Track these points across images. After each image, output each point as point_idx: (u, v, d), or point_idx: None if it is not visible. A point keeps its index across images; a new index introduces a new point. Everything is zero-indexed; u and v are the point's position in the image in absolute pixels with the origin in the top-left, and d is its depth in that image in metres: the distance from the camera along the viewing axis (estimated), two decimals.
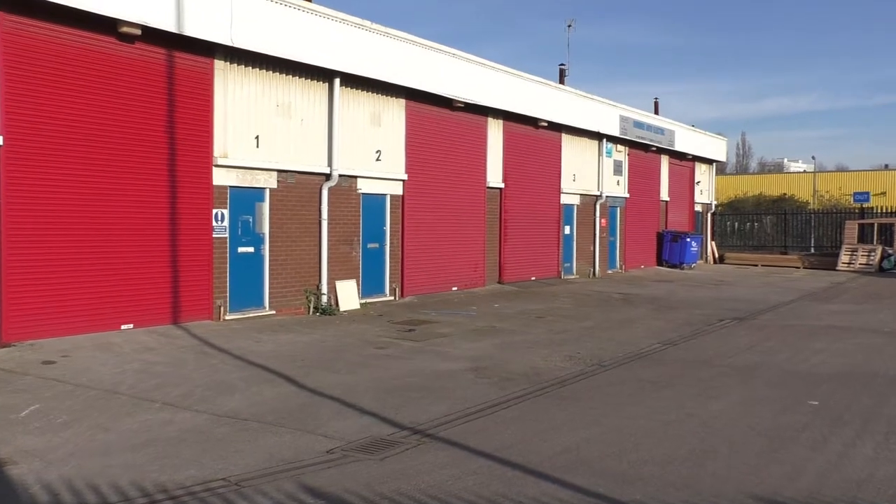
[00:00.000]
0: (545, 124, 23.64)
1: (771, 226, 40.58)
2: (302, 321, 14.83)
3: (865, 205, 39.35)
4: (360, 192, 17.32)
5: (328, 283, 16.31)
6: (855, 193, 46.51)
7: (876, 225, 33.43)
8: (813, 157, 67.71)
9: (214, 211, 14.14)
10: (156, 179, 13.16)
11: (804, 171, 78.15)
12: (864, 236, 33.54)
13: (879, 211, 37.89)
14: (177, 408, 8.18)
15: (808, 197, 54.31)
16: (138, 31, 12.42)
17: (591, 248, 27.05)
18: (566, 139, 25.41)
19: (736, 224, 41.77)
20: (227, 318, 14.23)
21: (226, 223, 14.36)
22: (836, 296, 22.04)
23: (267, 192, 15.19)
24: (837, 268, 31.96)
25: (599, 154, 27.31)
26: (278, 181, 15.37)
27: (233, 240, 14.57)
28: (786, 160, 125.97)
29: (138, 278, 12.88)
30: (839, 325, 15.64)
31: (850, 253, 32.43)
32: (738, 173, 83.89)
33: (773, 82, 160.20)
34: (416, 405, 8.46)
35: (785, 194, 52.73)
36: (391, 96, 18.06)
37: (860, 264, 31.79)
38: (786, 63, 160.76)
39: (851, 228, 33.61)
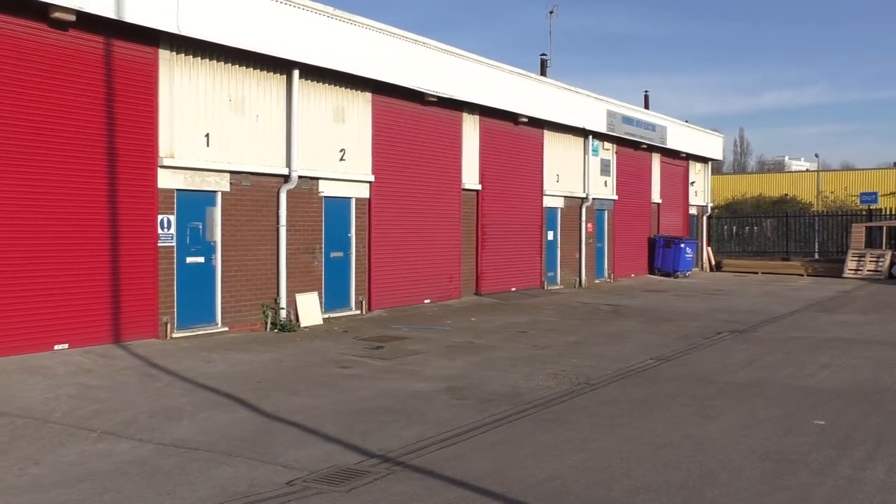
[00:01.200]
0: (525, 120, 23.74)
1: (771, 230, 41.06)
2: (258, 338, 14.72)
3: (873, 206, 39.97)
4: (322, 194, 17.26)
5: (287, 297, 16.21)
6: (862, 194, 47.15)
7: (885, 228, 33.90)
8: (816, 155, 68.53)
9: (160, 217, 14.01)
10: (93, 183, 13.02)
11: (807, 170, 79.20)
12: (872, 240, 34.00)
13: (888, 213, 38.46)
14: (118, 437, 8.07)
15: (811, 198, 55.03)
16: (72, 17, 12.29)
17: (577, 256, 27.18)
18: (549, 136, 25.54)
19: (734, 228, 42.21)
20: (174, 335, 14.10)
21: (173, 230, 14.24)
22: (842, 305, 22.32)
23: (218, 196, 15.10)
24: (844, 275, 32.39)
25: (585, 152, 27.48)
26: (231, 184, 15.28)
27: (181, 249, 14.45)
28: (787, 158, 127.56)
29: (74, 293, 12.71)
30: (846, 337, 15.84)
31: (857, 259, 32.88)
32: (736, 173, 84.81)
33: (773, 74, 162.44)
34: (386, 430, 8.41)
35: (786, 195, 53.37)
36: (356, 90, 18.04)
37: (868, 271, 32.24)
38: (787, 53, 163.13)
39: (858, 232, 34.07)
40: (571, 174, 26.87)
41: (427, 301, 20.23)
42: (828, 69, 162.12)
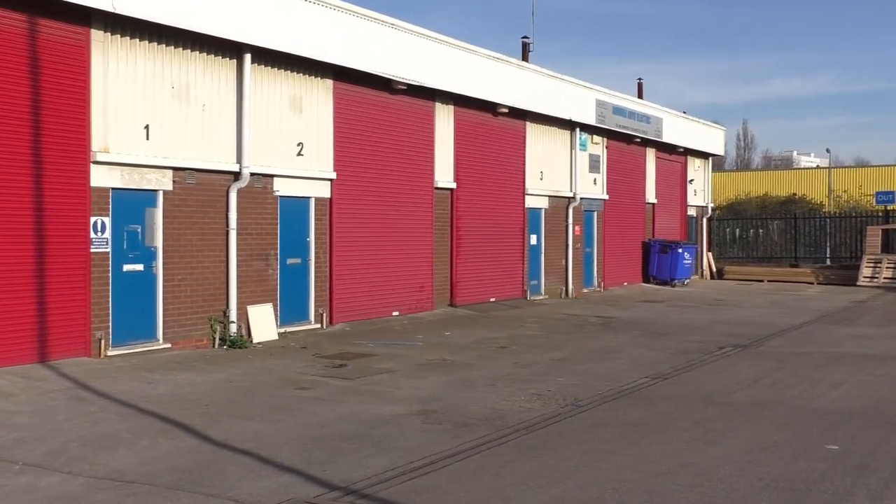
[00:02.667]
0: (506, 110, 23.83)
1: (778, 233, 41.46)
2: (205, 356, 14.64)
3: (890, 207, 40.46)
4: (277, 194, 17.21)
5: (238, 309, 16.14)
6: (877, 193, 47.81)
7: None
8: (828, 151, 69.30)
9: (93, 219, 13.90)
10: (15, 182, 12.87)
11: (817, 167, 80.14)
12: (889, 245, 34.42)
13: None
14: (43, 469, 7.98)
15: (822, 198, 55.66)
16: None
17: (563, 262, 27.29)
18: (532, 129, 25.65)
19: (737, 231, 42.58)
20: (109, 353, 13.99)
21: (107, 234, 14.13)
22: (856, 317, 22.59)
23: (160, 196, 15.01)
24: (858, 283, 32.76)
25: (572, 147, 27.62)
26: (174, 181, 15.19)
27: (116, 255, 14.35)
28: (795, 154, 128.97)
29: None
30: (861, 352, 16.02)
31: (872, 265, 33.28)
32: (740, 170, 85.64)
33: (780, 60, 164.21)
34: (350, 459, 8.39)
35: (795, 195, 53.92)
36: (316, 76, 18.01)
37: (885, 279, 32.64)
38: (795, 37, 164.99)
39: (874, 235, 34.49)
40: (557, 171, 26.99)
41: (396, 313, 20.21)
42: (840, 55, 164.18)
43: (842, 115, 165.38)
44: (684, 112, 36.19)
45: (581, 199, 27.90)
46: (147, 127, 14.71)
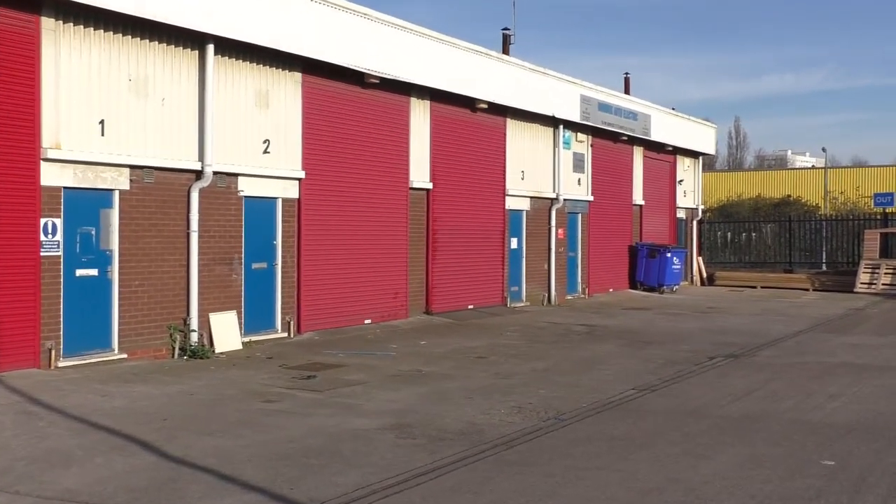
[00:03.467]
0: (485, 106, 23.87)
1: (772, 236, 41.76)
2: (164, 367, 14.57)
3: (889, 209, 40.79)
4: (241, 194, 17.15)
5: (199, 316, 16.07)
6: (876, 195, 48.08)
7: None
8: (823, 150, 69.84)
9: (43, 221, 13.80)
10: None
11: (813, 167, 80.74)
12: (888, 249, 34.74)
13: None
14: None
15: (817, 200, 56.12)
16: None
17: (546, 267, 27.35)
18: (512, 126, 25.71)
19: (728, 234, 42.86)
20: (60, 364, 13.88)
21: (59, 237, 14.03)
22: (854, 325, 22.78)
23: (116, 196, 14.93)
24: (855, 289, 33.03)
25: (555, 145, 27.71)
26: (132, 180, 15.11)
27: (69, 259, 14.25)
28: (790, 153, 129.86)
29: None
30: (858, 362, 16.16)
31: (870, 271, 33.57)
32: (731, 169, 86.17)
33: (774, 55, 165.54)
34: (319, 476, 8.37)
35: (789, 196, 54.34)
36: (283, 69, 17.98)
37: (884, 285, 32.93)
38: (790, 31, 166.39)
39: (872, 239, 34.78)
40: (539, 171, 27.06)
41: (368, 321, 20.18)
42: (837, 49, 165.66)
43: (838, 113, 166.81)
44: (673, 109, 36.40)
45: (564, 200, 27.98)
46: (102, 122, 14.62)
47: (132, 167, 15.10)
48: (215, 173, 16.33)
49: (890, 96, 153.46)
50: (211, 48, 16.10)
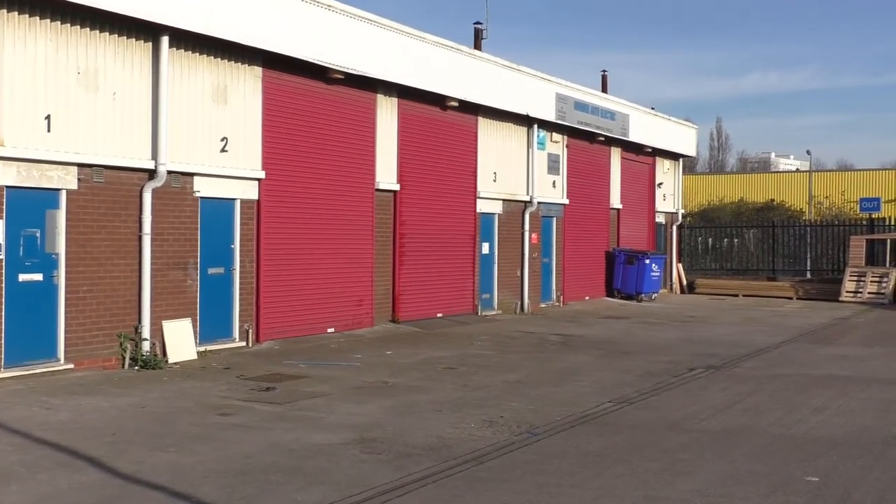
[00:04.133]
0: (455, 104, 23.90)
1: (755, 242, 42.06)
2: (114, 378, 14.45)
3: (875, 215, 41.30)
4: (197, 195, 17.06)
5: (152, 324, 15.97)
6: (862, 200, 48.76)
7: (889, 241, 35.03)
8: (808, 152, 70.69)
9: None
10: None
11: (797, 171, 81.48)
12: (874, 256, 35.05)
13: (894, 223, 39.74)
14: None
15: (802, 204, 56.61)
16: None
17: (519, 274, 27.41)
18: (484, 125, 25.75)
19: (709, 240, 43.13)
20: (2, 375, 13.75)
21: (0, 239, 13.89)
22: (839, 336, 22.99)
23: (63, 196, 14.81)
24: (841, 298, 33.34)
25: (529, 146, 27.78)
26: (80, 179, 15.00)
27: (11, 263, 14.12)
28: (773, 155, 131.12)
29: None
30: (843, 374, 16.31)
31: (856, 278, 33.89)
32: (713, 172, 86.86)
33: (757, 53, 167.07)
34: (278, 494, 8.33)
35: (773, 200, 54.77)
36: (243, 63, 17.91)
37: (869, 293, 33.26)
38: (774, 28, 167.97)
39: (858, 246, 35.12)
40: (512, 172, 27.12)
41: (331, 330, 20.13)
42: (822, 47, 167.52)
43: (824, 114, 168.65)
44: (653, 108, 36.60)
45: (539, 203, 28.06)
46: (48, 117, 14.50)
47: (80, 165, 14.98)
48: (170, 172, 16.24)
49: (877, 97, 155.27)
50: (165, 40, 16.01)
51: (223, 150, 17.54)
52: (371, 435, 10.78)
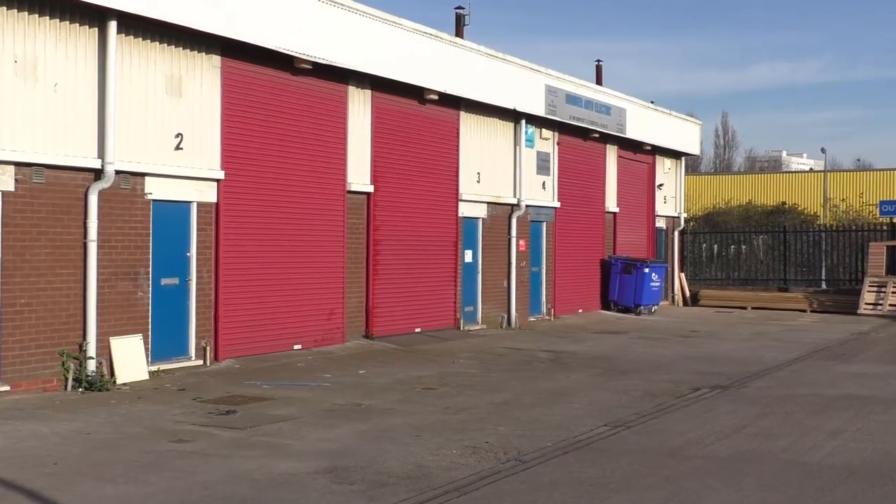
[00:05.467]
0: (435, 97, 23.92)
1: (765, 250, 42.15)
2: (56, 401, 14.39)
3: None
4: (149, 197, 17.02)
5: (98, 341, 15.90)
6: (882, 203, 48.70)
7: None
8: (823, 151, 71.02)
9: None
10: None
11: (811, 171, 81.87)
12: (895, 265, 35.16)
13: None
14: None
15: (816, 207, 56.86)
16: None
17: (505, 284, 27.42)
18: (467, 120, 25.78)
19: (715, 247, 43.21)
20: None
21: None
22: (857, 352, 23.10)
23: None
24: (859, 311, 33.47)
25: (516, 143, 27.82)
26: (17, 180, 14.95)
27: None
28: (785, 154, 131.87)
29: None
30: (863, 394, 16.39)
31: (875, 289, 34.04)
32: (719, 173, 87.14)
33: (765, 41, 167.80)
34: None
35: (784, 203, 54.93)
36: (199, 51, 17.88)
37: (891, 306, 33.39)
38: (783, 15, 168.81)
39: (878, 253, 35.25)
40: (498, 172, 27.15)
41: (298, 347, 20.09)
42: (836, 35, 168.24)
43: (839, 109, 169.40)
44: (652, 102, 36.69)
45: (527, 206, 28.09)
46: None
47: (18, 164, 14.92)
48: (118, 173, 16.19)
49: None
50: (113, 25, 15.97)
51: (178, 148, 17.49)
52: (342, 463, 10.76)
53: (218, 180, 18.29)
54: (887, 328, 29.29)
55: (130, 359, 16.35)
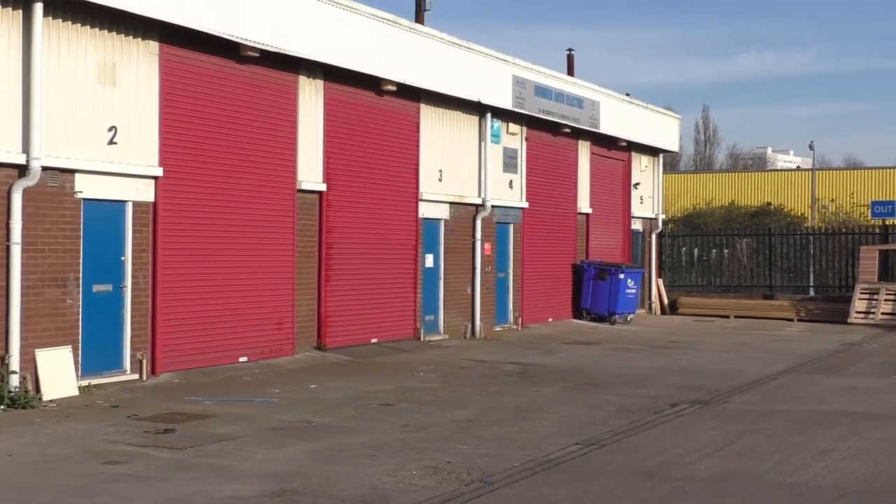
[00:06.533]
0: (393, 88, 23.90)
1: (749, 254, 42.42)
2: None
3: (889, 221, 41.75)
4: (80, 196, 16.91)
5: (22, 354, 15.78)
6: (873, 203, 49.14)
7: None
8: (811, 147, 71.64)
9: None
10: None
11: (798, 169, 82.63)
12: (888, 270, 35.49)
13: None
14: None
15: (803, 209, 57.36)
16: None
17: (469, 291, 27.43)
18: (428, 113, 25.79)
19: (695, 251, 43.45)
20: None
21: None
22: (848, 364, 23.29)
23: None
24: (850, 319, 33.73)
25: (481, 138, 27.85)
26: None
27: None
28: (770, 151, 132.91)
29: None
30: (854, 410, 16.50)
31: (867, 296, 34.29)
32: (699, 171, 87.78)
33: (750, 30, 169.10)
34: None
35: (769, 204, 55.36)
36: (136, 37, 17.79)
37: (884, 314, 33.67)
38: (769, 2, 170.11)
39: (870, 258, 35.53)
40: (461, 170, 27.17)
41: (244, 359, 20.02)
42: (827, 23, 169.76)
43: (829, 103, 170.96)
44: (628, 95, 36.88)
45: (493, 207, 28.13)
46: None
47: None
48: (45, 169, 16.07)
49: (892, 83, 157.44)
50: (39, 7, 15.85)
51: (111, 142, 17.39)
52: (291, 486, 10.72)
53: (156, 178, 18.19)
54: (880, 338, 29.54)
55: (58, 373, 16.22)
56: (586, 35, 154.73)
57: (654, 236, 39.57)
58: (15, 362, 15.63)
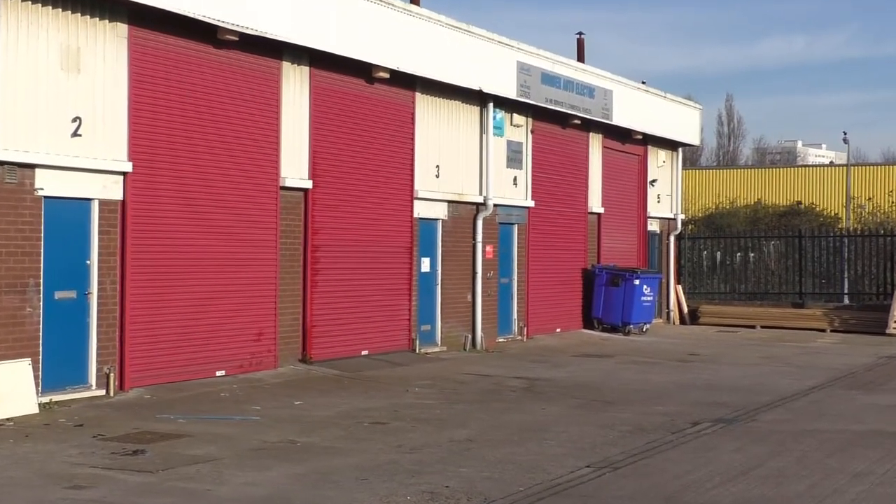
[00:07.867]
0: (386, 75, 23.89)
1: (776, 258, 42.40)
2: None
3: None
4: (40, 193, 16.92)
5: None
6: None
7: None
8: (845, 140, 71.51)
9: None
10: None
11: (831, 164, 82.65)
12: None
13: None
14: None
15: (837, 208, 57.35)
16: None
17: (469, 299, 27.42)
18: (424, 104, 25.78)
19: (718, 254, 43.41)
20: None
21: None
22: (887, 379, 23.31)
23: None
24: (888, 330, 33.77)
25: (483, 130, 27.83)
26: None
27: None
28: (800, 144, 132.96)
29: None
30: (893, 430, 16.50)
31: None
32: (722, 167, 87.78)
33: (777, 12, 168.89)
34: None
35: (799, 203, 55.40)
36: (102, 19, 17.79)
37: None
38: None
39: None
40: (461, 166, 27.17)
41: (221, 373, 20.02)
42: (860, 3, 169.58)
43: (864, 90, 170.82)
44: (643, 83, 36.87)
45: (495, 206, 28.13)
46: None
47: None
48: (2, 164, 16.15)
49: None
50: None
51: (75, 135, 17.38)
52: None
53: (124, 173, 18.18)
54: None
55: (16, 388, 16.19)
56: (597, 17, 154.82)
57: (672, 238, 39.56)
58: None
